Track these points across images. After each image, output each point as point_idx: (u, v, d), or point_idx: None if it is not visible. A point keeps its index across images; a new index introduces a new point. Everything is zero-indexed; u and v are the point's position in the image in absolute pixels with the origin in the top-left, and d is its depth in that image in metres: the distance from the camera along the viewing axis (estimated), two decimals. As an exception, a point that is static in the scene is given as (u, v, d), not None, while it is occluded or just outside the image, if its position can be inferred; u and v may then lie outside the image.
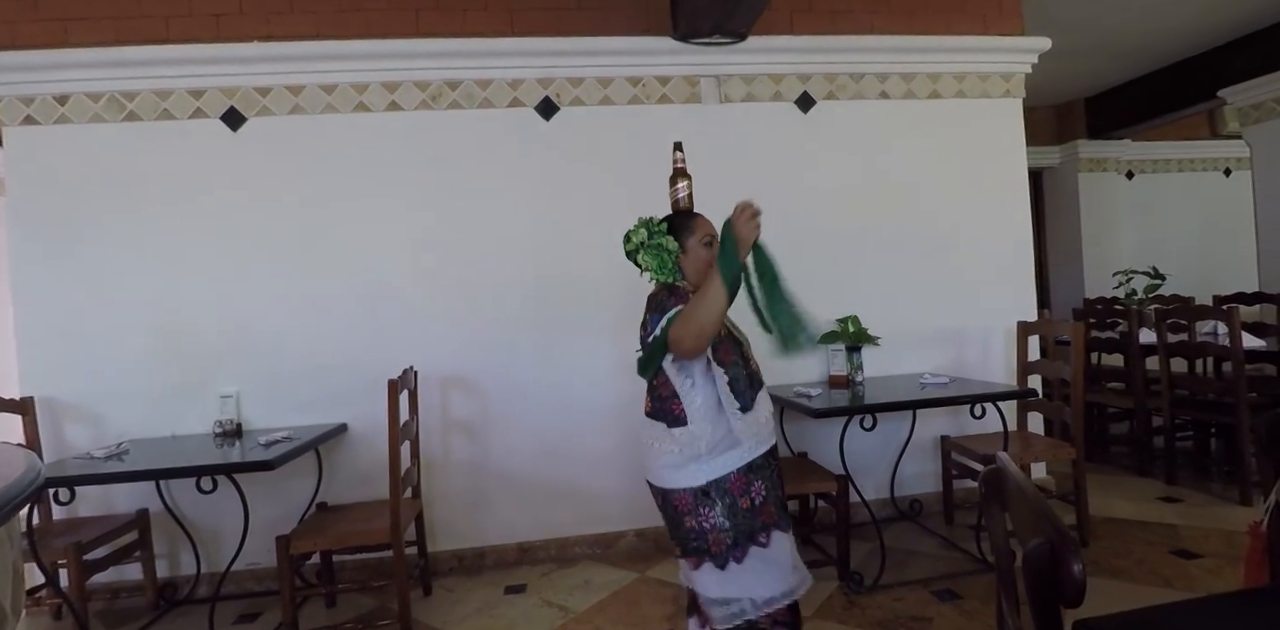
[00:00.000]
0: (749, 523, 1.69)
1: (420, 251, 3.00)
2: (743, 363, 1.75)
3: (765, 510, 1.72)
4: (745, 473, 1.70)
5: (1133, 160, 5.85)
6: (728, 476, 1.69)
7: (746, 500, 1.69)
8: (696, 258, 1.75)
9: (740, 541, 1.69)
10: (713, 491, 1.68)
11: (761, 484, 1.73)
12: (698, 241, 1.76)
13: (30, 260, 2.82)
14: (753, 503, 1.70)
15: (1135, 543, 2.79)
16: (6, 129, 2.81)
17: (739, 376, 1.72)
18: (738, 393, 1.70)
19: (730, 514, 1.68)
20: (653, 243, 1.73)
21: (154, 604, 2.75)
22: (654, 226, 1.75)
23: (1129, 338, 3.84)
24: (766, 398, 1.81)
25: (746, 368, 1.76)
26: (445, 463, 3.02)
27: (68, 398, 2.83)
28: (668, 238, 1.73)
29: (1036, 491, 1.07)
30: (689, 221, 1.78)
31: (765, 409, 1.78)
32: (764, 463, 1.75)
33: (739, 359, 1.74)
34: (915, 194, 3.34)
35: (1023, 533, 1.10)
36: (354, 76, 2.93)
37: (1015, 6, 3.44)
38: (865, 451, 3.12)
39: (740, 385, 1.72)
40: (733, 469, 1.69)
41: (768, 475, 1.75)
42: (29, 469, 1.12)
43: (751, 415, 1.72)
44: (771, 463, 1.79)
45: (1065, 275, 5.74)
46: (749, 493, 1.70)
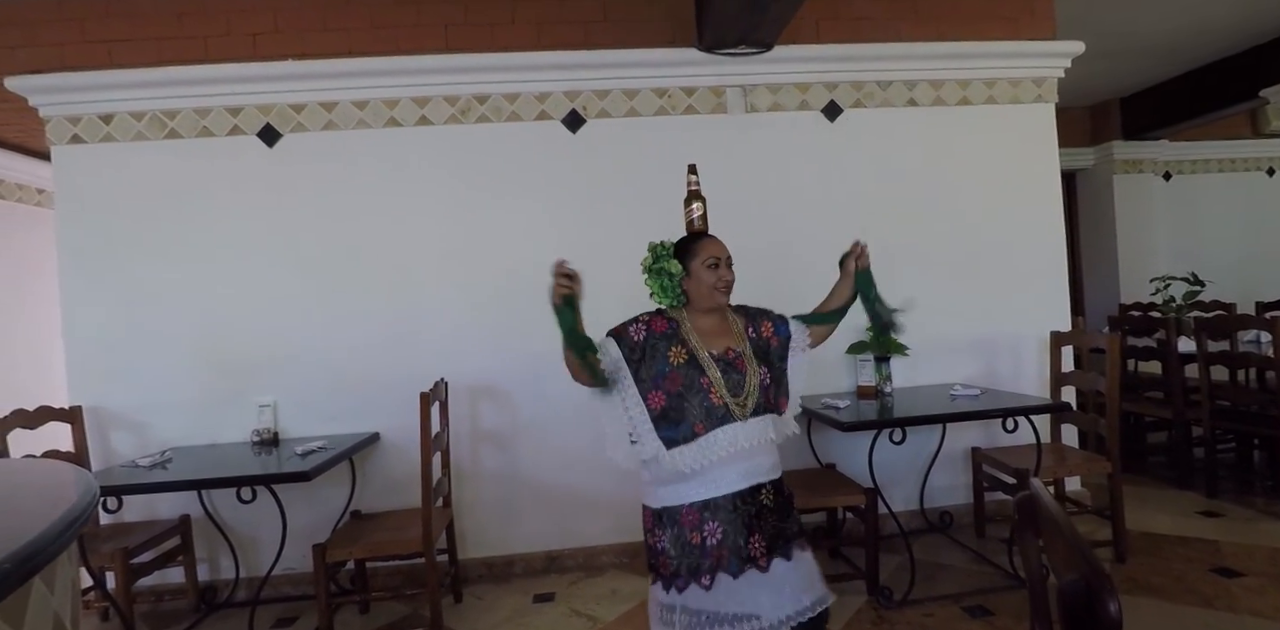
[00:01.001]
0: (694, 559, 1.61)
1: (450, 263, 3.05)
2: (696, 392, 1.64)
3: (717, 553, 1.61)
4: (700, 510, 1.62)
5: (1170, 161, 5.69)
6: (680, 507, 1.63)
7: (697, 536, 1.62)
8: (700, 280, 1.73)
9: (683, 573, 1.62)
10: (665, 518, 1.66)
11: (718, 526, 1.61)
12: (701, 264, 1.73)
13: (78, 274, 2.93)
14: (703, 541, 1.61)
15: (1174, 559, 2.73)
16: (55, 148, 2.92)
17: (678, 407, 1.63)
18: (670, 422, 1.63)
19: (675, 543, 1.63)
20: (656, 267, 1.73)
21: (195, 607, 2.84)
22: (660, 250, 1.76)
23: (1167, 346, 3.75)
24: (743, 435, 1.65)
25: (702, 399, 1.64)
26: (475, 472, 3.07)
27: (114, 407, 2.93)
28: (672, 261, 1.73)
29: (1071, 523, 1.06)
30: (693, 244, 1.77)
31: (720, 447, 1.63)
32: (728, 505, 1.62)
33: (690, 388, 1.64)
34: (944, 202, 3.30)
35: (1057, 564, 1.09)
36: (385, 92, 2.99)
37: (1047, 10, 3.38)
38: (894, 462, 3.09)
39: (675, 415, 1.63)
40: (685, 502, 1.63)
41: (730, 519, 1.62)
42: (85, 491, 1.17)
43: (685, 450, 1.62)
44: (744, 506, 1.64)
45: (1100, 280, 5.61)
46: (701, 529, 1.62)
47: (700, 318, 1.76)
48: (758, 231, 3.11)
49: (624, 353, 1.68)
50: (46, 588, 1.02)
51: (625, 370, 1.67)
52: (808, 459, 3.08)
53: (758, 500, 1.66)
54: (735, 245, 2.04)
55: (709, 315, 1.76)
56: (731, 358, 1.71)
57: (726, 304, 1.79)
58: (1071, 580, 0.95)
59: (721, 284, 1.73)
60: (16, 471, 1.40)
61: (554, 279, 1.58)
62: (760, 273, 2.97)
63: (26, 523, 1.00)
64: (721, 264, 1.74)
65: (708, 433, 1.63)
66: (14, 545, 0.89)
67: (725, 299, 1.76)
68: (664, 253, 1.76)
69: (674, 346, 1.68)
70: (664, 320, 1.73)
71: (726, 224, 2.36)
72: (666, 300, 1.75)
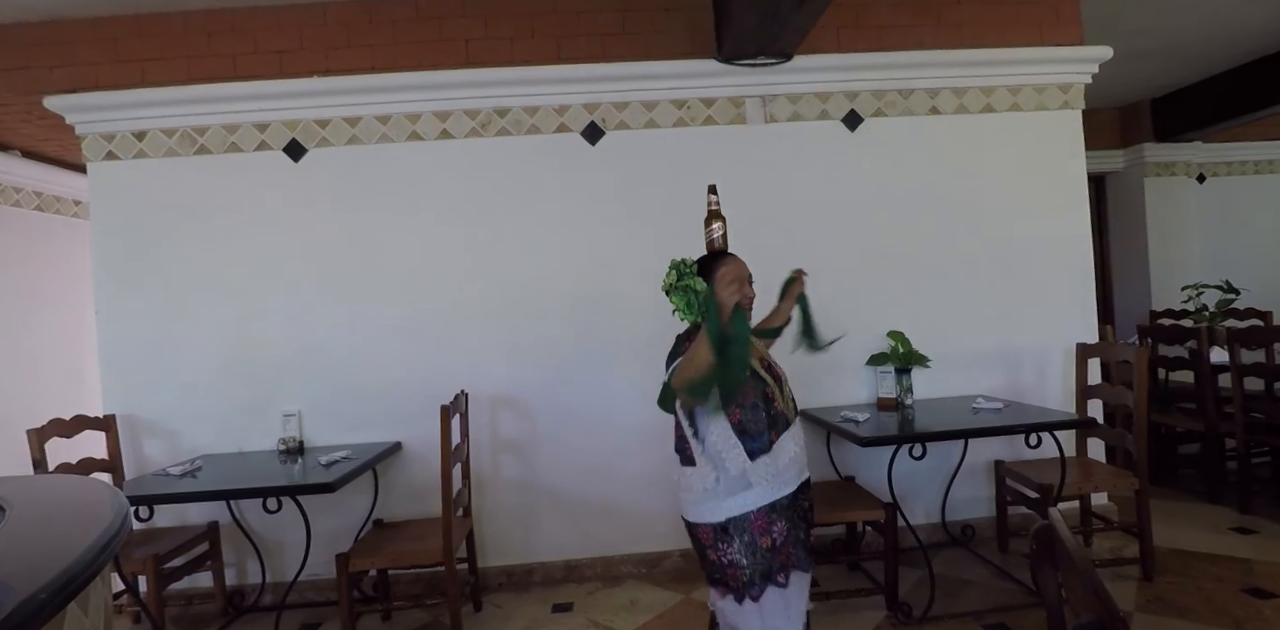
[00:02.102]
0: (767, 562, 1.72)
1: (472, 275, 3.08)
2: (763, 404, 1.76)
3: (785, 550, 1.74)
4: (767, 512, 1.73)
5: (1204, 162, 5.54)
6: (748, 515, 1.72)
7: (767, 539, 1.71)
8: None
9: (757, 580, 1.71)
10: (731, 529, 1.72)
11: (784, 524, 1.74)
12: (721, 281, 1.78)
13: (112, 286, 3.02)
14: (773, 542, 1.72)
15: (1204, 578, 2.67)
16: (91, 164, 3.01)
17: (754, 419, 1.74)
18: (749, 435, 1.73)
19: (748, 552, 1.71)
20: (681, 284, 1.76)
21: (223, 611, 2.91)
22: (684, 268, 1.79)
23: (1199, 356, 3.66)
24: (794, 437, 1.80)
25: (768, 409, 1.76)
26: (495, 481, 3.10)
27: (146, 415, 3.01)
28: (696, 279, 1.76)
29: (1087, 560, 1.04)
30: (718, 263, 1.82)
31: (788, 451, 1.77)
32: (789, 503, 1.76)
33: (760, 400, 1.76)
34: (968, 211, 3.26)
35: (1073, 599, 1.08)
36: (407, 107, 3.04)
37: (1074, 15, 3.31)
38: (915, 475, 3.06)
39: (754, 428, 1.73)
40: (752, 508, 1.72)
41: (791, 516, 1.77)
42: (118, 514, 1.21)
43: (766, 459, 1.73)
44: (798, 502, 1.80)
45: (1130, 287, 5.48)
46: (770, 532, 1.72)
47: None
48: (777, 241, 3.10)
49: None
50: (81, 611, 1.06)
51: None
52: (827, 471, 3.07)
53: (808, 495, 1.84)
54: (755, 255, 2.05)
55: None
56: (767, 365, 1.83)
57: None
58: (1088, 621, 0.94)
59: (747, 301, 1.81)
60: (52, 490, 1.45)
61: (730, 285, 1.67)
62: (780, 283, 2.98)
63: (61, 548, 1.04)
64: (745, 282, 1.80)
65: (779, 440, 1.75)
66: (49, 574, 0.92)
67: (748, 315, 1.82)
68: (688, 271, 1.79)
69: None
70: None
71: (747, 234, 2.38)
72: (692, 316, 1.78)
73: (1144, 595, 2.56)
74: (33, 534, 1.16)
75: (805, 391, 2.24)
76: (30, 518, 1.23)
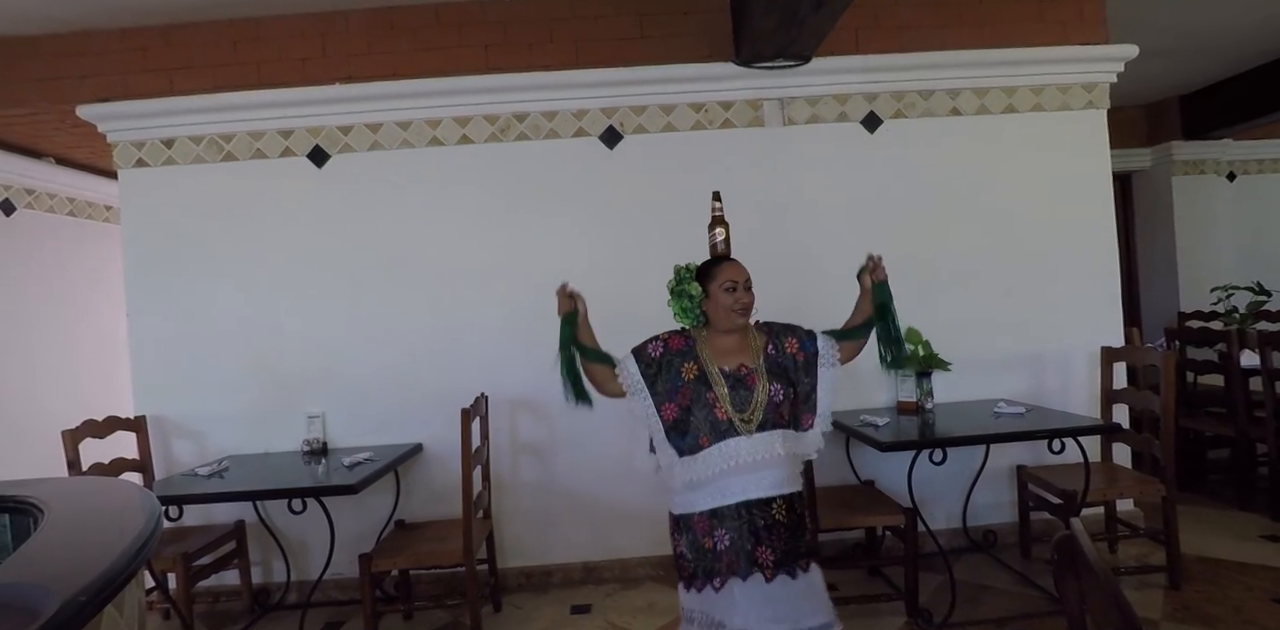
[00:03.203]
0: (708, 563, 1.73)
1: (491, 279, 3.11)
2: (702, 407, 1.74)
3: (728, 557, 1.70)
4: (709, 517, 1.73)
5: (1235, 160, 5.42)
6: (692, 515, 1.75)
7: (709, 541, 1.73)
8: (717, 302, 1.80)
9: (699, 575, 1.75)
10: (682, 523, 1.79)
11: (725, 534, 1.71)
12: (718, 287, 1.80)
13: (143, 290, 3.09)
14: (714, 545, 1.73)
15: (1233, 587, 2.62)
16: (121, 171, 3.09)
17: (684, 420, 1.76)
18: (681, 433, 1.75)
19: (691, 548, 1.76)
20: (678, 288, 1.82)
21: (250, 608, 2.97)
22: (684, 273, 1.84)
23: (1229, 360, 3.59)
24: (745, 449, 1.71)
25: (708, 414, 1.74)
26: (514, 483, 3.13)
27: (175, 417, 3.08)
28: (693, 284, 1.81)
29: (1109, 572, 1.03)
30: (714, 268, 1.84)
31: (720, 461, 1.71)
32: (733, 514, 1.71)
33: (697, 403, 1.75)
34: (990, 213, 3.22)
35: (1095, 610, 1.07)
36: (428, 113, 3.07)
37: (1098, 13, 3.26)
38: (936, 479, 3.01)
39: (687, 427, 1.75)
40: (696, 510, 1.74)
41: (735, 527, 1.70)
42: (150, 517, 1.25)
43: (690, 461, 1.73)
44: (746, 516, 1.70)
45: (1158, 288, 5.38)
46: (712, 535, 1.73)
47: (720, 337, 1.84)
48: (795, 244, 3.10)
49: (640, 368, 1.81)
50: (117, 612, 1.09)
51: (641, 383, 1.80)
52: (846, 475, 3.05)
53: (769, 513, 1.72)
54: (772, 258, 2.05)
55: (729, 335, 1.84)
56: (742, 374, 1.78)
57: (747, 323, 1.84)
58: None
59: (738, 306, 1.80)
60: (87, 493, 1.50)
61: (557, 298, 1.80)
62: (798, 286, 2.97)
63: (98, 552, 1.07)
64: (739, 287, 1.80)
65: (712, 445, 1.74)
66: (87, 578, 0.96)
67: (743, 320, 1.82)
68: (686, 275, 1.85)
69: (687, 363, 1.79)
70: (681, 338, 1.84)
71: (764, 237, 2.38)
72: (687, 321, 1.85)
73: (1171, 604, 2.52)
74: (70, 537, 1.20)
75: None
76: (67, 520, 1.28)
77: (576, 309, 1.83)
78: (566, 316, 1.82)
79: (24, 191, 3.91)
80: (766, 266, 1.90)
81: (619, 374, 1.82)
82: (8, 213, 3.82)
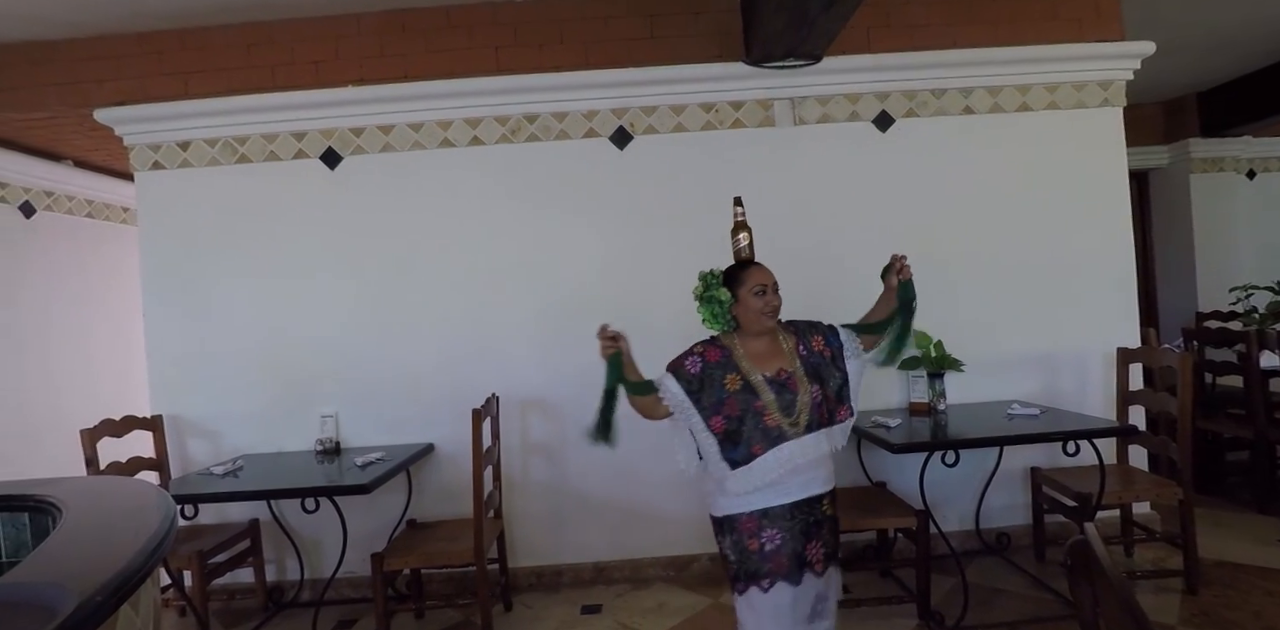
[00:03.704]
0: (754, 564, 1.75)
1: (503, 279, 3.12)
2: (752, 417, 1.75)
3: (775, 559, 1.74)
4: (759, 517, 1.75)
5: (1254, 158, 5.33)
6: (739, 516, 1.77)
7: (755, 542, 1.75)
8: (748, 307, 1.81)
9: (742, 577, 1.76)
10: (725, 525, 1.80)
11: (777, 533, 1.75)
12: (748, 291, 1.82)
13: (159, 290, 3.13)
14: (761, 547, 1.75)
15: (1252, 592, 2.58)
16: (138, 174, 3.13)
17: (737, 430, 1.76)
18: (732, 445, 1.76)
19: (735, 550, 1.78)
20: (707, 295, 1.83)
21: (264, 606, 3.00)
22: (710, 279, 1.86)
23: (1248, 361, 3.53)
24: (798, 451, 1.75)
25: (757, 423, 1.75)
26: (525, 483, 3.14)
27: (191, 416, 3.12)
28: (721, 289, 1.83)
29: (1122, 577, 1.02)
30: (742, 272, 1.85)
31: (774, 468, 1.74)
32: (785, 513, 1.75)
33: (746, 412, 1.76)
34: (1004, 212, 3.19)
35: (1108, 616, 1.06)
36: (439, 114, 3.09)
37: (1114, 9, 3.22)
38: (948, 481, 3.00)
39: (735, 438, 1.76)
40: (745, 511, 1.76)
41: (788, 527, 1.75)
42: (165, 517, 1.26)
43: (745, 471, 1.74)
44: (800, 515, 1.76)
45: (1175, 288, 5.31)
46: (759, 536, 1.75)
47: (751, 341, 1.85)
48: (808, 245, 3.08)
49: (683, 386, 1.81)
50: (132, 610, 1.11)
51: (687, 401, 1.80)
52: (858, 476, 3.04)
53: (818, 510, 1.80)
54: (785, 259, 2.06)
55: (759, 338, 1.85)
56: (784, 378, 1.80)
57: (776, 324, 1.86)
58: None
59: (769, 309, 1.82)
60: (104, 492, 1.52)
61: (600, 341, 1.77)
62: (811, 287, 2.94)
63: (114, 552, 1.09)
64: (769, 290, 1.83)
65: (765, 453, 1.75)
66: (104, 577, 0.97)
67: (772, 323, 1.84)
68: (713, 281, 1.86)
69: (729, 374, 1.80)
70: (717, 349, 1.84)
71: (776, 238, 2.36)
72: (718, 326, 1.86)
73: (1188, 609, 2.48)
74: (87, 536, 1.22)
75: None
76: (84, 520, 1.29)
77: (620, 349, 1.79)
78: (612, 359, 1.79)
79: (43, 194, 3.97)
80: (780, 267, 1.90)
81: (662, 396, 1.82)
82: (28, 215, 3.88)
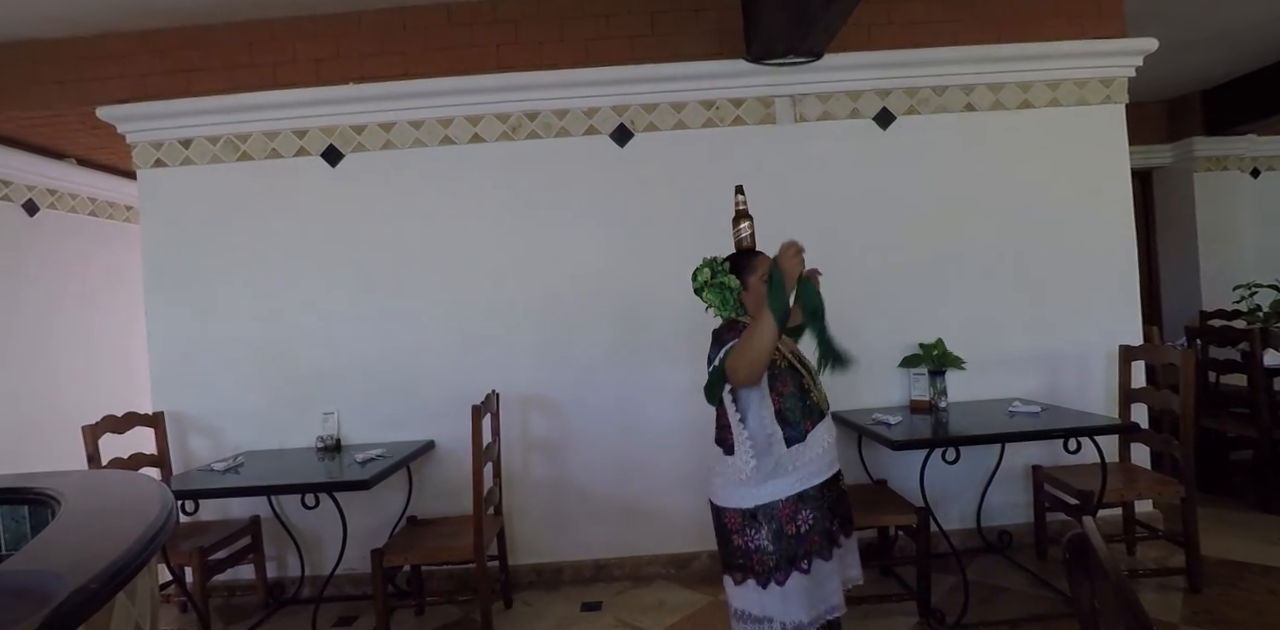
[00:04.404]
0: (792, 548, 1.76)
1: (504, 276, 3.13)
2: (799, 393, 1.82)
3: (810, 538, 1.78)
4: (795, 502, 1.78)
5: (1259, 156, 5.30)
6: (776, 503, 1.77)
7: (793, 527, 1.76)
8: (757, 294, 1.83)
9: (782, 565, 1.76)
10: (760, 515, 1.77)
11: (810, 513, 1.78)
12: (758, 279, 1.84)
13: (161, 288, 3.14)
14: (798, 530, 1.76)
15: (1255, 590, 2.57)
16: (140, 171, 3.14)
17: (793, 407, 1.80)
18: (788, 423, 1.79)
19: (775, 538, 1.77)
20: (715, 281, 1.85)
21: (264, 602, 3.00)
22: (717, 266, 1.87)
23: (1251, 359, 3.51)
24: (828, 428, 1.85)
25: (804, 399, 1.82)
26: (525, 480, 3.14)
27: (192, 413, 3.13)
28: (730, 276, 1.85)
29: (1120, 570, 1.02)
30: (750, 260, 1.88)
31: (821, 441, 1.82)
32: (817, 494, 1.80)
33: (796, 390, 1.82)
34: (1005, 209, 3.18)
35: (1106, 609, 1.05)
36: (439, 112, 3.09)
37: (1116, 6, 3.21)
38: (949, 479, 2.99)
39: (792, 416, 1.79)
40: (782, 497, 1.77)
41: (819, 505, 1.80)
42: (164, 508, 1.27)
43: (800, 447, 1.78)
44: (827, 493, 1.83)
45: (1179, 286, 5.28)
46: (795, 520, 1.77)
47: None
48: (807, 242, 3.02)
49: None
50: (128, 599, 1.11)
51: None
52: (859, 474, 3.03)
53: (838, 486, 1.88)
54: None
55: None
56: (802, 359, 1.88)
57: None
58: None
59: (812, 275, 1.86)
60: (103, 485, 1.52)
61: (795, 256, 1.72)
62: (810, 285, 2.95)
63: (111, 541, 1.09)
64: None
65: (814, 429, 1.80)
66: (99, 566, 0.97)
67: None
68: (721, 268, 1.88)
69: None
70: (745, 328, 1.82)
71: (776, 235, 2.35)
72: (727, 312, 1.88)
73: (1190, 607, 2.47)
74: (84, 527, 1.22)
75: (836, 393, 2.20)
76: (82, 511, 1.30)
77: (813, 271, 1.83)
78: (807, 283, 1.80)
79: (47, 192, 3.99)
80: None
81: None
82: (31, 213, 3.90)
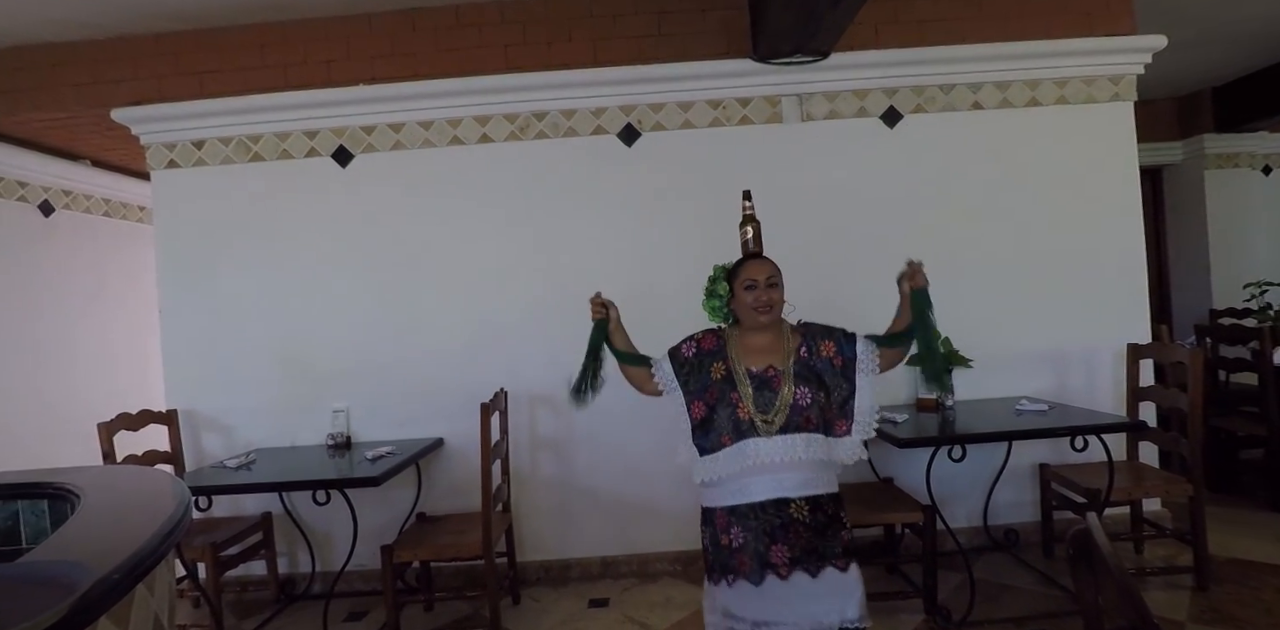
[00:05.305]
0: (724, 558, 1.74)
1: (512, 275, 3.15)
2: (729, 406, 1.73)
3: (739, 557, 1.70)
4: (728, 515, 1.73)
5: (1270, 153, 5.26)
6: (715, 510, 1.77)
7: (726, 538, 1.74)
8: (740, 301, 1.82)
9: (717, 569, 1.77)
10: (705, 517, 1.81)
11: (740, 533, 1.70)
12: (740, 285, 1.81)
13: (175, 288, 3.19)
14: (730, 543, 1.73)
15: (1264, 589, 2.56)
16: (154, 172, 3.18)
17: (719, 419, 1.74)
18: (705, 433, 1.77)
19: (712, 542, 1.78)
20: (710, 288, 1.87)
21: (276, 598, 3.04)
22: (717, 272, 1.88)
23: (1262, 357, 3.49)
24: (762, 448, 1.69)
25: (732, 412, 1.72)
26: (533, 477, 3.16)
27: (205, 411, 3.17)
28: (721, 283, 1.85)
29: (1123, 566, 1.03)
30: (738, 267, 1.85)
31: (742, 460, 1.69)
32: (750, 514, 1.69)
33: (723, 401, 1.74)
34: (1013, 208, 3.18)
35: (1110, 605, 1.06)
36: (448, 112, 3.12)
37: (1125, 3, 3.20)
38: (956, 477, 3.00)
39: (713, 427, 1.75)
40: (719, 506, 1.75)
41: (752, 527, 1.69)
42: (180, 502, 1.29)
43: (708, 459, 1.74)
44: (765, 517, 1.68)
45: (1189, 284, 5.25)
46: (728, 532, 1.73)
47: (752, 336, 1.83)
48: (815, 241, 3.08)
49: (675, 368, 1.86)
50: (148, 591, 1.14)
51: (675, 383, 1.85)
52: (865, 472, 3.03)
53: (786, 513, 1.69)
54: (793, 257, 2.05)
55: (761, 333, 1.82)
56: (769, 375, 1.76)
57: (781, 322, 1.84)
58: (1121, 628, 0.93)
59: (759, 304, 1.78)
60: (121, 480, 1.55)
61: (591, 305, 1.87)
62: (820, 285, 2.94)
63: (131, 534, 1.12)
64: (759, 285, 1.79)
65: (732, 445, 1.72)
66: (121, 556, 1.00)
67: (765, 318, 1.80)
68: (718, 275, 1.88)
69: (717, 362, 1.81)
70: (714, 338, 1.86)
71: (783, 234, 2.37)
72: (716, 319, 1.89)
73: (1197, 605, 2.47)
74: (104, 520, 1.25)
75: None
76: (102, 505, 1.33)
77: (608, 316, 1.89)
78: (598, 323, 1.90)
79: (62, 193, 4.04)
80: (787, 264, 1.89)
81: (654, 374, 1.87)
82: (46, 213, 3.95)
